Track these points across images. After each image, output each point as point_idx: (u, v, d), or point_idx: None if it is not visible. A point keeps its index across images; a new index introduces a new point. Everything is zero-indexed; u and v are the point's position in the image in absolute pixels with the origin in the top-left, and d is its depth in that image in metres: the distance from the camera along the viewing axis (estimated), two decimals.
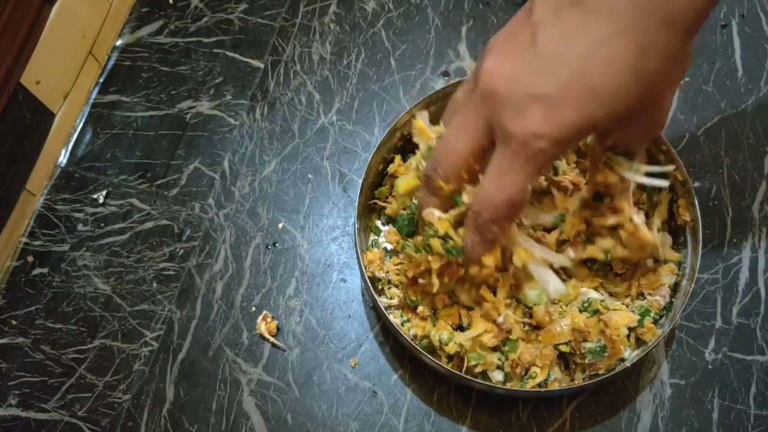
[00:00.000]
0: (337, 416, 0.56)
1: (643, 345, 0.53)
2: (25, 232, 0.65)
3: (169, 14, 0.74)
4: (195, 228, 0.64)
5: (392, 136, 0.58)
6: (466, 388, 0.57)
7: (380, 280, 0.57)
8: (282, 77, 0.70)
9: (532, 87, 0.37)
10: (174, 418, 0.57)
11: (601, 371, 0.52)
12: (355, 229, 0.55)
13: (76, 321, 0.61)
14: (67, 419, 0.57)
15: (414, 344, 0.51)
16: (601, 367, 0.52)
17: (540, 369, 0.51)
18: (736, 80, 0.68)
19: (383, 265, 0.56)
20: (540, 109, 0.37)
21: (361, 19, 0.73)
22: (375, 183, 0.59)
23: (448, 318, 0.52)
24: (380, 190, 0.60)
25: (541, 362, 0.51)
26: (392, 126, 0.57)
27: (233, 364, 0.58)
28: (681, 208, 0.56)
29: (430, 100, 0.57)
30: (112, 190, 0.66)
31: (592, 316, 0.52)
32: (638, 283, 0.54)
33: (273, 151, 0.67)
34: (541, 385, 0.51)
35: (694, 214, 0.54)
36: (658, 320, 0.54)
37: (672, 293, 0.55)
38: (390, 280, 0.56)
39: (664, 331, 0.52)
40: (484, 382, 0.51)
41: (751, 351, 0.57)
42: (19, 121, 0.62)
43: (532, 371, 0.51)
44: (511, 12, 0.72)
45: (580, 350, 0.51)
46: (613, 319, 0.50)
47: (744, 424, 0.55)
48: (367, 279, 0.53)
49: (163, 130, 0.69)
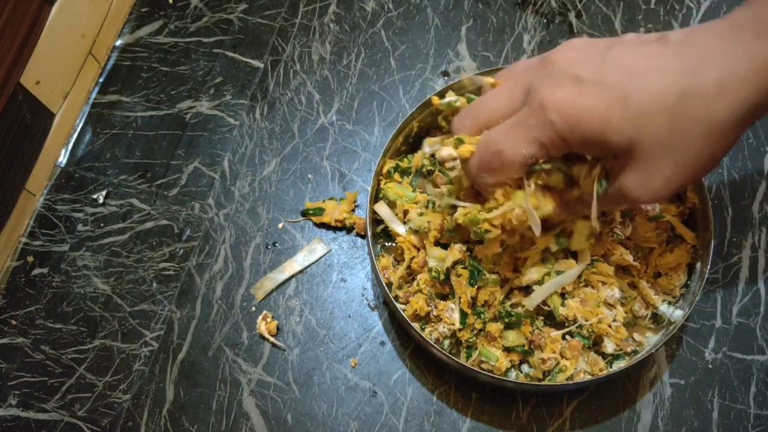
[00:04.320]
0: (337, 416, 0.56)
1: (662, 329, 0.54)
2: (25, 232, 0.65)
3: (169, 14, 0.74)
4: (195, 228, 0.64)
5: (395, 140, 0.58)
6: (465, 388, 0.57)
7: (391, 284, 0.57)
8: (282, 77, 0.70)
9: (578, 69, 0.40)
10: (174, 418, 0.57)
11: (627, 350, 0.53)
12: (368, 237, 0.55)
13: (76, 321, 0.61)
14: (67, 419, 0.57)
15: (437, 346, 0.51)
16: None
17: (569, 362, 0.51)
18: None
19: (396, 270, 0.56)
20: (572, 88, 0.39)
21: (361, 19, 0.73)
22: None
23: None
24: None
25: (570, 354, 0.51)
26: (396, 129, 0.58)
27: (233, 364, 0.58)
28: (688, 191, 0.56)
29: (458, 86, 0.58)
30: (112, 190, 0.66)
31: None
32: (655, 262, 0.55)
33: (273, 151, 0.67)
34: (568, 378, 0.51)
35: (703, 195, 0.55)
36: (675, 303, 0.54)
37: (687, 277, 0.55)
38: (400, 285, 0.56)
39: (686, 313, 0.51)
40: (492, 374, 0.51)
41: (751, 351, 0.57)
42: (18, 121, 0.62)
43: (562, 364, 0.51)
44: (511, 12, 0.72)
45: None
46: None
47: (744, 424, 0.55)
48: (384, 285, 0.53)
49: (163, 130, 0.69)
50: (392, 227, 0.57)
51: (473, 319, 0.52)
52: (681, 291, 0.54)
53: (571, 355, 0.51)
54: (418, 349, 0.58)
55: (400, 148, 0.60)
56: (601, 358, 0.53)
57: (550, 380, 0.51)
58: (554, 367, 0.51)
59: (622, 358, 0.53)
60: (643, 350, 0.52)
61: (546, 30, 0.71)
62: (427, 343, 0.51)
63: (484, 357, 0.52)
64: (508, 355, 0.52)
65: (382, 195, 0.58)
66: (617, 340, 0.52)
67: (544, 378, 0.52)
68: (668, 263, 0.54)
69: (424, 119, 0.60)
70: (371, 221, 0.56)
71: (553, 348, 0.51)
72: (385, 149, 0.57)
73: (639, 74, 0.38)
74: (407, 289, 0.55)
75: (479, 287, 0.51)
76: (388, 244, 0.59)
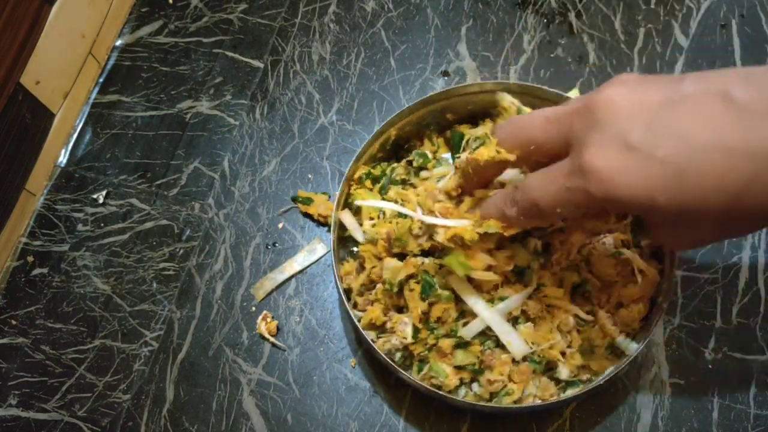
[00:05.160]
0: (337, 416, 0.56)
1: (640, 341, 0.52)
2: (25, 232, 0.65)
3: (169, 14, 0.74)
4: (195, 228, 0.64)
5: (371, 146, 0.58)
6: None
7: (351, 291, 0.56)
8: (282, 77, 0.70)
9: (627, 128, 0.35)
10: (174, 418, 0.57)
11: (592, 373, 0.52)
12: (333, 241, 0.55)
13: (76, 321, 0.61)
14: (67, 419, 0.57)
15: (389, 360, 0.51)
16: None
17: (516, 385, 0.50)
18: None
19: (358, 277, 0.55)
20: (618, 157, 0.35)
21: (361, 19, 0.73)
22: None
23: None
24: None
25: (519, 378, 0.50)
26: (372, 135, 0.57)
27: (233, 364, 0.58)
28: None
29: (429, 100, 0.58)
30: (112, 190, 0.66)
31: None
32: (618, 293, 0.52)
33: (273, 151, 0.67)
34: (516, 401, 0.50)
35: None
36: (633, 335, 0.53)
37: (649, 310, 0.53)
38: (362, 292, 0.55)
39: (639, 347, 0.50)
40: (437, 391, 0.50)
41: (751, 351, 0.57)
42: (18, 121, 0.62)
43: (510, 387, 0.50)
44: (511, 12, 0.72)
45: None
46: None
47: (744, 424, 0.55)
48: (342, 291, 0.53)
49: (163, 130, 0.69)
50: (355, 235, 0.56)
51: (426, 334, 0.51)
52: (641, 323, 0.53)
53: (519, 379, 0.50)
54: None
55: (376, 154, 0.60)
56: (554, 383, 0.52)
57: (496, 402, 0.50)
58: (501, 389, 0.50)
59: (577, 385, 0.52)
60: (599, 378, 0.51)
61: (546, 30, 0.71)
62: (378, 354, 0.51)
63: (434, 372, 0.51)
64: (459, 373, 0.51)
65: (351, 200, 0.58)
66: (572, 367, 0.51)
67: (491, 399, 0.51)
68: (630, 295, 0.52)
69: (402, 128, 0.59)
70: (337, 226, 0.56)
71: (501, 370, 0.50)
72: (359, 154, 0.57)
73: (699, 150, 0.33)
74: (368, 296, 0.55)
75: (431, 303, 0.51)
76: (354, 249, 0.58)
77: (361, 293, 0.55)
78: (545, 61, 0.70)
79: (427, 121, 0.60)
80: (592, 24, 0.71)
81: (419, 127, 0.60)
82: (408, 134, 0.61)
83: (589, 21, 0.71)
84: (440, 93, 0.58)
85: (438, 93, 0.58)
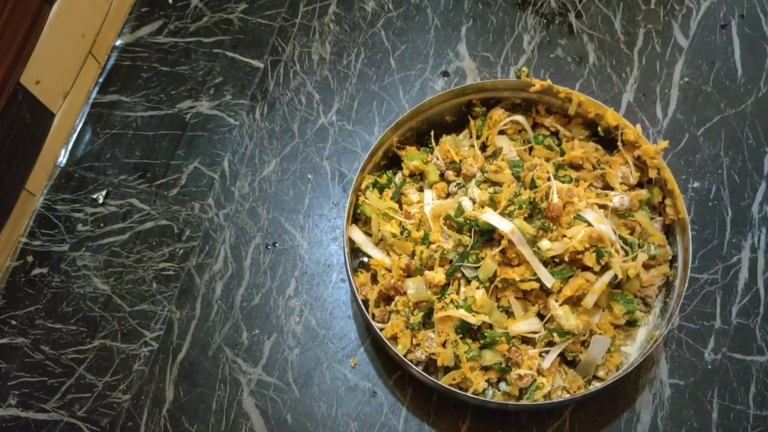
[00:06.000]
0: (336, 416, 0.56)
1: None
2: (25, 232, 0.65)
3: (169, 14, 0.74)
4: (195, 228, 0.64)
5: (374, 155, 0.59)
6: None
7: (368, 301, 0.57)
8: (282, 77, 0.70)
9: None
10: (174, 418, 0.57)
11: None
12: (345, 254, 0.55)
13: (75, 321, 0.61)
14: (66, 419, 0.57)
15: (410, 363, 0.52)
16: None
17: (545, 379, 0.51)
18: (735, 80, 0.68)
19: (373, 288, 0.56)
20: None
21: (361, 19, 0.73)
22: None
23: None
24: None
25: (547, 371, 0.51)
26: (376, 144, 0.58)
27: (233, 364, 0.58)
28: (668, 207, 0.56)
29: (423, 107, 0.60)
30: (111, 190, 0.66)
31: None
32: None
33: (273, 151, 0.67)
34: (546, 396, 0.52)
35: (682, 211, 0.55)
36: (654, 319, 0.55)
37: (666, 293, 0.55)
38: (377, 304, 0.57)
39: (662, 333, 0.52)
40: (478, 397, 0.51)
41: (751, 351, 0.57)
42: (18, 121, 0.62)
43: (539, 381, 0.51)
44: (511, 12, 0.72)
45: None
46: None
47: (743, 425, 0.55)
48: (360, 301, 0.54)
49: (163, 130, 0.69)
50: (366, 251, 0.58)
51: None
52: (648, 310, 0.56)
53: (548, 372, 0.51)
54: None
55: (379, 162, 0.60)
56: (581, 377, 0.53)
57: (528, 398, 0.51)
58: (531, 384, 0.51)
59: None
60: (624, 366, 0.53)
61: (546, 30, 0.71)
62: (407, 365, 0.52)
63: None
64: (486, 374, 0.52)
65: (359, 211, 0.58)
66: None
67: (521, 396, 0.52)
68: (641, 282, 0.55)
69: (403, 134, 0.61)
70: (349, 239, 0.57)
71: (530, 365, 0.51)
72: (363, 165, 0.58)
73: None
74: (384, 307, 0.56)
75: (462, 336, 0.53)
76: (365, 260, 0.59)
77: (377, 304, 0.56)
78: (545, 61, 0.70)
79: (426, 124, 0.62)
80: (592, 24, 0.71)
81: (414, 134, 0.62)
82: (409, 140, 0.62)
83: (589, 21, 0.71)
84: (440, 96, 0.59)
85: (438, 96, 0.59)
